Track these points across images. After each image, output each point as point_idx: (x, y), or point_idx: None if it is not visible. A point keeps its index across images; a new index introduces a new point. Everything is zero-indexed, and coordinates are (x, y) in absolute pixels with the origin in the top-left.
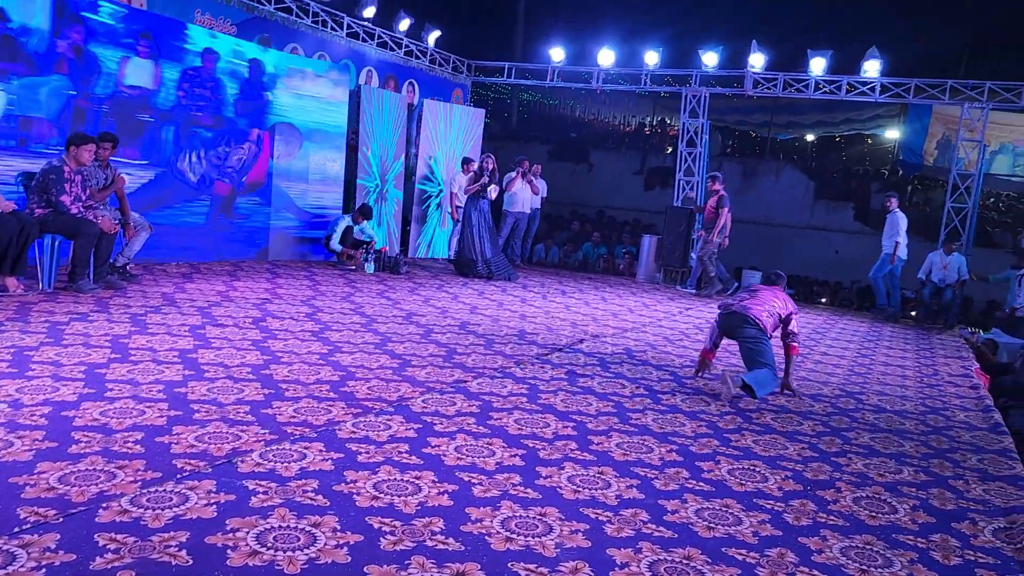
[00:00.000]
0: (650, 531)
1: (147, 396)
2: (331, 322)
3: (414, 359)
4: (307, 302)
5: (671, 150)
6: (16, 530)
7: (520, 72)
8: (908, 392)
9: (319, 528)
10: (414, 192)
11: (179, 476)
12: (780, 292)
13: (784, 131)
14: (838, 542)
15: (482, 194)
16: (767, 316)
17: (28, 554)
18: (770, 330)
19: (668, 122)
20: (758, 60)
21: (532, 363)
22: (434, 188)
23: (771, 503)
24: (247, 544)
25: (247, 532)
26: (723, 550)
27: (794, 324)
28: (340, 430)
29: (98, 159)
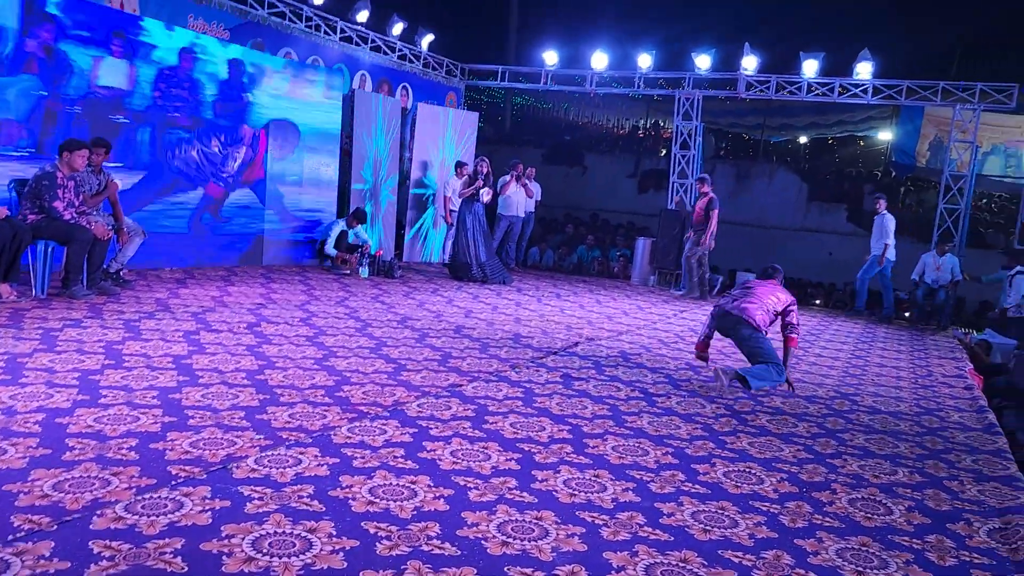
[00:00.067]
0: (646, 534)
1: (141, 402)
2: (326, 327)
3: (409, 363)
4: (302, 307)
5: (665, 153)
6: (10, 538)
7: (514, 75)
8: (903, 393)
9: (315, 534)
10: (408, 196)
11: (174, 482)
12: (777, 286)
13: (777, 133)
14: (834, 544)
15: (476, 198)
16: (762, 314)
17: (22, 562)
18: (765, 326)
19: (662, 125)
20: (751, 63)
21: (527, 367)
22: (429, 192)
23: (767, 505)
24: (242, 550)
25: (242, 538)
26: (719, 552)
27: (793, 316)
28: (335, 435)
29: (91, 164)
